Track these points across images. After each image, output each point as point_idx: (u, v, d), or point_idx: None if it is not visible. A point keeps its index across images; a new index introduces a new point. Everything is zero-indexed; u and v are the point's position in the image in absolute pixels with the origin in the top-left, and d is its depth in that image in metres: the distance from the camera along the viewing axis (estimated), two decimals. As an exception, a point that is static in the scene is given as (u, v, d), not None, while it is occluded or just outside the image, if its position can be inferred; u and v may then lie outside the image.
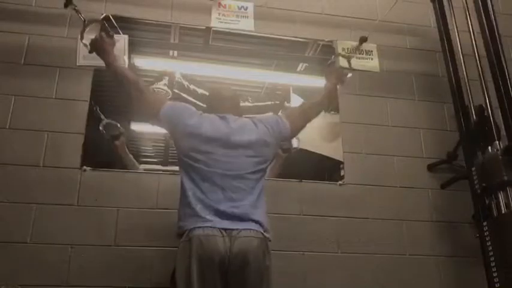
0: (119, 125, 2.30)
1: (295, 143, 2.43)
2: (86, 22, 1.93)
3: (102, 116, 2.28)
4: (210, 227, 1.59)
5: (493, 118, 2.18)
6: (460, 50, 2.46)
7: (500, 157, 2.06)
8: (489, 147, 2.14)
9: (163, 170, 2.28)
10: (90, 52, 1.88)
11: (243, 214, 1.63)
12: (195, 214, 1.62)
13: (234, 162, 1.70)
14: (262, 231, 1.65)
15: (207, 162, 1.69)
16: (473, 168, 2.18)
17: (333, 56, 2.13)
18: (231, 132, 1.75)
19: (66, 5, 1.88)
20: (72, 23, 2.36)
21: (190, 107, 1.85)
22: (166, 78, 2.55)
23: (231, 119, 1.80)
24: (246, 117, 1.87)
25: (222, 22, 2.59)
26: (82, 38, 1.92)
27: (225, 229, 1.59)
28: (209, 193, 1.65)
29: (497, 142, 2.12)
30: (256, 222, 1.65)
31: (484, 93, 2.25)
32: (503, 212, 2.04)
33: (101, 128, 2.28)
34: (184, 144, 1.73)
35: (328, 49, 2.67)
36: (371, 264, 2.24)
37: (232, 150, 1.72)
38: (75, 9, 1.89)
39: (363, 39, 2.23)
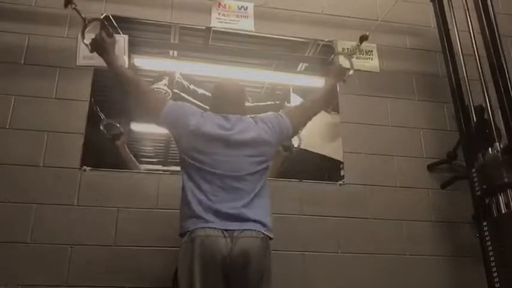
0: (118, 125, 2.31)
1: (296, 141, 2.42)
2: (87, 21, 1.92)
3: (103, 116, 2.28)
4: (212, 227, 1.59)
5: (493, 119, 2.18)
6: (460, 50, 2.46)
7: (500, 158, 2.06)
8: (489, 149, 2.14)
9: (163, 170, 2.28)
10: (91, 52, 1.87)
11: (242, 214, 1.63)
12: (195, 215, 1.62)
13: (235, 163, 1.70)
14: (263, 231, 1.65)
15: (207, 163, 1.69)
16: (473, 170, 2.18)
17: (332, 56, 2.11)
18: (232, 132, 1.74)
19: (66, 5, 1.86)
20: (72, 23, 2.36)
21: (192, 107, 1.86)
22: (166, 78, 2.55)
23: (233, 119, 1.79)
24: (249, 116, 1.86)
25: (222, 22, 2.59)
26: (83, 37, 1.91)
27: (227, 230, 1.60)
28: (209, 194, 1.65)
29: (497, 144, 2.12)
30: (257, 222, 1.65)
31: (484, 93, 2.25)
32: (503, 212, 2.05)
33: (101, 127, 2.28)
34: (186, 144, 1.73)
35: (328, 49, 2.68)
36: (371, 264, 2.24)
37: (233, 150, 1.72)
38: (75, 8, 1.87)
39: (364, 38, 2.21)
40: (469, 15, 2.42)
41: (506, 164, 2.03)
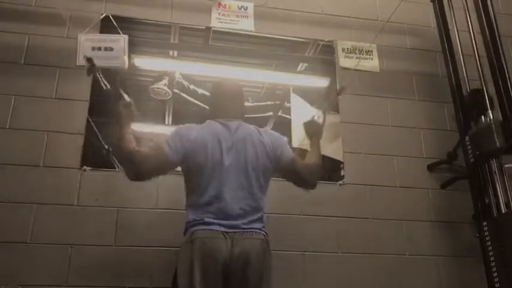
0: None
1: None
2: (107, 88, 1.73)
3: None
4: (213, 229, 1.60)
5: (487, 90, 2.22)
6: (460, 50, 2.46)
7: (492, 126, 2.09)
8: (482, 117, 2.19)
9: (163, 170, 2.27)
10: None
11: (245, 222, 1.65)
12: (198, 217, 1.63)
13: (239, 179, 1.69)
14: (263, 233, 1.67)
15: (209, 186, 1.67)
16: (467, 138, 2.22)
17: (314, 116, 2.05)
18: (234, 145, 1.72)
19: (88, 73, 1.74)
20: (72, 23, 2.36)
21: (184, 130, 1.75)
22: (166, 78, 2.54)
23: (233, 127, 1.77)
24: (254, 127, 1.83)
25: (222, 22, 2.60)
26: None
27: (227, 232, 1.60)
28: (212, 206, 1.65)
29: (489, 111, 2.17)
30: (258, 224, 1.68)
31: (483, 93, 2.25)
32: (503, 212, 2.05)
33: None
34: (190, 164, 1.70)
35: (328, 49, 2.68)
36: (371, 264, 2.24)
37: (236, 165, 1.69)
38: (98, 75, 1.72)
39: (342, 89, 2.23)
40: (469, 15, 2.43)
41: (498, 131, 2.08)
